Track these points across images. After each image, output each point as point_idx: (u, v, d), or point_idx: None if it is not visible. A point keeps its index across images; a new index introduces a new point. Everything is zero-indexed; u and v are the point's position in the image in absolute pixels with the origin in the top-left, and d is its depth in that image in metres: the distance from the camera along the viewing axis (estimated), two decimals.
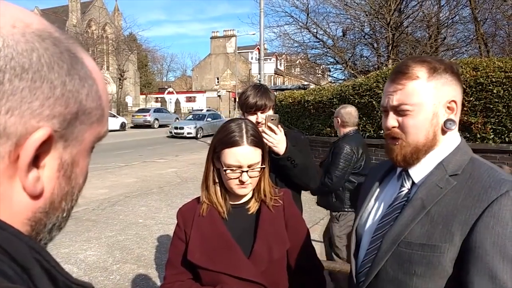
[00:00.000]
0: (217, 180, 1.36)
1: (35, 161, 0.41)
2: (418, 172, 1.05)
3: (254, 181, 1.34)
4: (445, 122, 1.01)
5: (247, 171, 1.30)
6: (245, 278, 1.27)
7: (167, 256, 1.45)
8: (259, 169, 1.34)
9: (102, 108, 0.48)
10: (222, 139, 1.32)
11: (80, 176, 0.48)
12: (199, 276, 1.34)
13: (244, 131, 1.31)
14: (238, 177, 1.30)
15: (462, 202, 0.92)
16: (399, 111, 1.03)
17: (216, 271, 1.28)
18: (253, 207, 1.40)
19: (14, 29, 0.39)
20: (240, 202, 1.40)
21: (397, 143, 1.04)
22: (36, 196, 0.42)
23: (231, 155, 1.29)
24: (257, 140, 1.33)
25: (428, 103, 1.00)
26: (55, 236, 0.48)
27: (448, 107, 1.02)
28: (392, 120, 1.04)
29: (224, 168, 1.29)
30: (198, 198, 1.43)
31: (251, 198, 1.41)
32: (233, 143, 1.29)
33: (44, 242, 0.46)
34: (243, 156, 1.29)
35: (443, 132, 1.02)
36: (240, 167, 1.29)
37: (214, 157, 1.36)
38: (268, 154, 2.00)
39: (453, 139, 1.04)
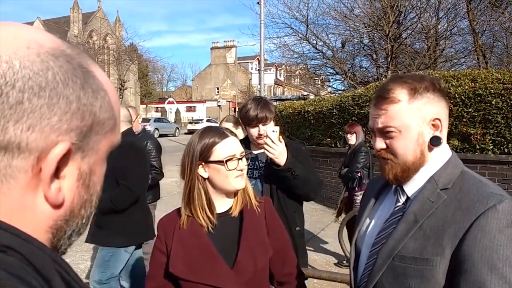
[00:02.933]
0: (203, 192, 1.37)
1: (56, 173, 0.43)
2: (412, 187, 1.07)
3: (245, 172, 1.41)
4: (431, 140, 1.03)
5: (241, 158, 1.38)
6: None
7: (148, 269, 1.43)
8: (245, 159, 1.42)
9: (115, 118, 0.50)
10: (206, 142, 1.36)
11: (98, 184, 0.50)
12: (180, 287, 1.34)
13: (219, 128, 1.43)
14: (236, 167, 1.36)
15: (452, 216, 0.95)
16: (385, 133, 1.06)
17: (199, 283, 1.29)
18: (236, 210, 1.40)
19: (29, 50, 0.42)
20: (223, 210, 1.41)
21: (387, 162, 1.08)
22: (58, 206, 0.45)
23: (226, 147, 1.36)
24: (235, 133, 1.45)
25: (412, 124, 1.03)
26: (74, 241, 0.50)
27: (433, 125, 1.04)
28: (379, 143, 1.08)
29: (225, 159, 1.34)
30: (178, 209, 1.43)
31: (235, 202, 1.42)
32: (221, 137, 1.37)
33: (64, 248, 0.49)
34: (234, 145, 1.38)
35: (430, 149, 1.05)
36: (234, 155, 1.36)
37: (202, 164, 1.36)
38: (269, 165, 2.03)
39: (443, 153, 1.06)
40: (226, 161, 1.34)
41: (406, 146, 1.04)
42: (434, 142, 1.03)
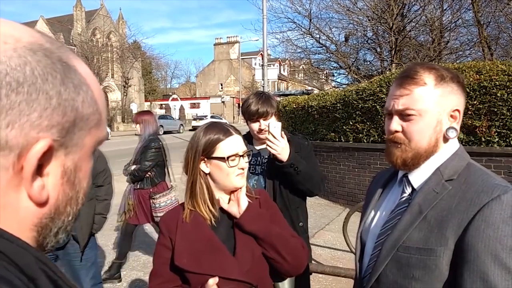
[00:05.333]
0: (205, 186, 1.39)
1: (39, 170, 0.43)
2: (418, 177, 1.07)
3: (246, 170, 1.42)
4: (447, 130, 1.03)
5: (243, 156, 1.39)
6: (233, 279, 1.29)
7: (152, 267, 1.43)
8: (247, 156, 1.43)
9: (99, 113, 0.49)
10: (211, 138, 1.37)
11: (84, 180, 0.49)
12: (187, 280, 1.34)
13: (224, 125, 1.42)
14: (237, 165, 1.37)
15: (456, 206, 0.95)
16: (404, 116, 1.04)
17: (205, 274, 1.29)
18: None
19: (6, 45, 0.41)
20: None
21: (399, 146, 1.06)
22: (42, 204, 0.44)
23: (229, 145, 1.37)
24: (239, 131, 1.46)
25: (433, 110, 1.02)
26: (61, 239, 0.49)
27: (452, 116, 1.04)
28: (396, 124, 1.06)
29: (227, 157, 1.35)
30: (180, 205, 1.46)
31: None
32: (226, 134, 1.38)
33: (51, 245, 0.48)
34: (237, 143, 1.39)
35: (445, 140, 1.04)
36: (237, 153, 1.37)
37: (204, 160, 1.38)
38: (272, 161, 2.03)
39: (451, 145, 1.06)
40: (228, 158, 1.35)
41: (423, 131, 1.03)
42: (450, 133, 1.03)
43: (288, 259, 1.36)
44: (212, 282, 1.25)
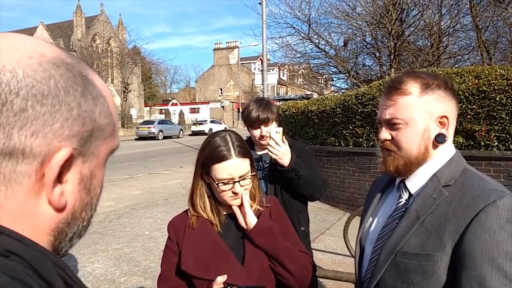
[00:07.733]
0: (206, 195, 1.38)
1: (59, 177, 0.45)
2: (414, 183, 1.08)
3: (248, 188, 1.37)
4: (436, 137, 1.04)
5: (239, 181, 1.32)
6: (239, 285, 1.28)
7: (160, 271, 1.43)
8: (250, 177, 1.36)
9: (114, 123, 0.52)
10: (210, 155, 1.33)
11: (98, 187, 0.52)
12: (193, 286, 1.34)
13: (230, 143, 1.33)
14: (231, 189, 1.32)
15: (453, 212, 0.96)
16: (391, 125, 1.07)
17: (211, 280, 1.28)
18: None
19: (31, 59, 0.43)
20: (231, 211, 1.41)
21: (390, 154, 1.09)
22: (60, 209, 0.46)
23: (222, 170, 1.31)
24: (244, 150, 1.36)
25: (420, 118, 1.04)
26: (75, 244, 0.51)
27: (440, 122, 1.05)
28: (385, 133, 1.09)
29: (216, 182, 1.31)
30: (188, 209, 1.44)
31: None
32: (222, 158, 1.31)
33: (65, 250, 0.50)
34: (233, 168, 1.31)
35: (435, 146, 1.06)
36: (232, 179, 1.31)
37: (203, 173, 1.37)
38: (273, 166, 2.04)
39: (447, 151, 1.07)
40: (218, 183, 1.31)
41: (411, 139, 1.05)
42: (439, 139, 1.04)
43: (295, 275, 1.35)
44: (221, 279, 1.24)
